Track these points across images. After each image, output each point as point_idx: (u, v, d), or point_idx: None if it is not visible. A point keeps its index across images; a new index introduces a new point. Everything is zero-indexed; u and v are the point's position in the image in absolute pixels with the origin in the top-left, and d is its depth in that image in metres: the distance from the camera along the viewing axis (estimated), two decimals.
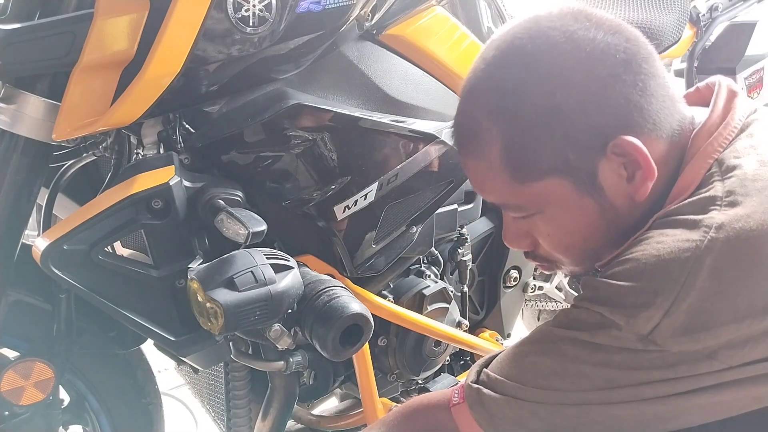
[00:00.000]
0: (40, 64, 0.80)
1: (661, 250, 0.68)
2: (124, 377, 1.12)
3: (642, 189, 0.74)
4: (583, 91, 0.71)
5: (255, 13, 0.85)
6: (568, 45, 0.72)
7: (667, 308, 0.65)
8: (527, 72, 0.73)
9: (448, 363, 1.36)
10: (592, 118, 0.71)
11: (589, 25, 0.73)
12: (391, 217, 1.09)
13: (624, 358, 0.69)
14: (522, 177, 0.75)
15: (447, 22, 1.14)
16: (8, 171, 0.87)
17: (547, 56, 0.72)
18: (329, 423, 1.34)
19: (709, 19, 1.74)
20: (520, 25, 0.76)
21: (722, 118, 0.76)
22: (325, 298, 0.91)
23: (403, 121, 1.06)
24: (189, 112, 0.93)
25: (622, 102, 0.71)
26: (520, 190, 0.76)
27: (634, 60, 0.72)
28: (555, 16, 0.75)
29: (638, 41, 0.75)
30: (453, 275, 1.36)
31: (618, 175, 0.74)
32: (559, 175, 0.74)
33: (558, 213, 0.77)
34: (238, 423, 1.18)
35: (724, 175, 0.71)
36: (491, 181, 0.79)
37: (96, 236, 0.84)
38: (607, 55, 0.71)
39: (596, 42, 0.72)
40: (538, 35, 0.73)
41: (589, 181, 0.74)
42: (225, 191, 0.91)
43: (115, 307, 0.88)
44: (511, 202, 0.79)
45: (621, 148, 0.72)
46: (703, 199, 0.70)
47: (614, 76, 0.71)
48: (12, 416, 0.98)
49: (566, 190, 0.75)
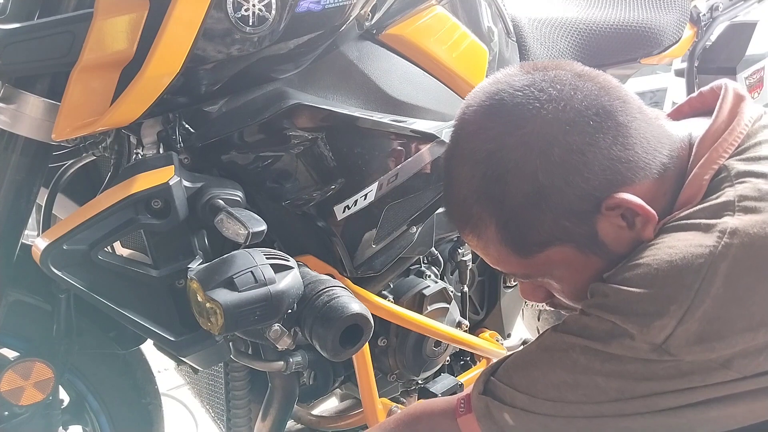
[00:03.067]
0: (39, 64, 0.80)
1: (674, 256, 0.66)
2: (124, 377, 1.12)
3: (646, 232, 0.74)
4: (563, 166, 0.71)
5: (255, 12, 0.85)
6: (538, 124, 0.72)
7: (681, 317, 0.64)
8: (505, 159, 0.73)
9: (448, 363, 1.36)
10: (579, 187, 0.72)
11: (556, 95, 0.72)
12: (391, 217, 1.09)
13: (637, 368, 0.67)
14: (524, 252, 0.77)
15: (447, 22, 1.14)
16: (8, 171, 0.86)
17: (522, 139, 0.72)
18: (329, 423, 1.34)
19: (710, 18, 1.74)
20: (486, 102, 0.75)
21: (727, 123, 0.75)
22: (325, 298, 0.91)
23: (403, 121, 1.05)
24: (189, 112, 0.92)
25: (606, 162, 0.72)
26: (524, 263, 0.78)
27: (609, 117, 0.72)
28: (517, 89, 0.74)
29: (608, 90, 0.74)
30: (453, 275, 1.36)
31: (618, 227, 0.74)
32: (560, 243, 0.75)
33: (566, 274, 0.79)
34: (237, 423, 1.18)
35: (735, 180, 0.70)
36: (494, 256, 0.80)
37: (96, 236, 0.84)
38: (578, 124, 0.71)
39: (566, 113, 0.71)
40: (506, 117, 0.73)
41: (589, 240, 0.75)
42: (225, 191, 0.91)
43: (115, 307, 0.88)
44: (516, 272, 0.82)
45: (615, 205, 0.72)
46: (716, 205, 0.69)
47: (591, 142, 0.71)
48: (12, 416, 0.98)
49: (570, 254, 0.76)
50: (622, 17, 1.51)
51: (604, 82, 0.75)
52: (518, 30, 1.36)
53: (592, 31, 1.46)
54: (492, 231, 0.77)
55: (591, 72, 0.76)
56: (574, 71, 0.76)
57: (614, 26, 1.49)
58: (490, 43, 1.24)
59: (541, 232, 0.74)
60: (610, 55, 1.49)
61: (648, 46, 1.54)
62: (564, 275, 0.79)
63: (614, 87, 0.75)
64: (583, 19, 1.47)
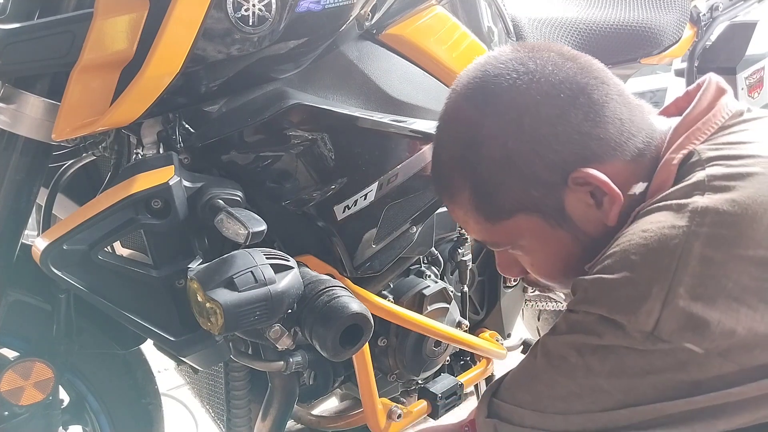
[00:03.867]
0: (39, 64, 0.80)
1: (648, 239, 0.67)
2: (124, 377, 1.12)
3: (611, 213, 0.76)
4: (532, 135, 0.75)
5: (255, 12, 0.85)
6: (513, 93, 0.75)
7: (664, 298, 0.64)
8: (479, 125, 0.77)
9: (448, 363, 1.36)
10: (547, 157, 0.75)
11: (534, 68, 0.76)
12: (391, 217, 1.09)
13: (636, 361, 0.67)
14: (493, 217, 0.80)
15: (447, 22, 1.14)
16: (8, 171, 0.86)
17: (496, 107, 0.76)
18: (329, 423, 1.33)
19: (710, 18, 1.74)
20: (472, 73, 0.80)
21: (704, 113, 0.76)
22: (325, 298, 0.91)
23: (403, 121, 1.05)
24: (189, 112, 0.92)
25: (575, 136, 0.74)
26: (494, 229, 0.81)
27: (582, 93, 0.75)
28: (501, 61, 0.78)
29: (588, 71, 0.77)
30: (453, 275, 1.36)
31: (585, 204, 0.77)
32: (527, 211, 0.78)
33: (534, 245, 0.82)
34: (237, 423, 1.18)
35: (706, 164, 0.70)
36: (468, 222, 0.84)
37: (96, 236, 0.84)
38: (551, 96, 0.74)
39: (540, 85, 0.75)
40: (486, 86, 0.78)
41: (557, 213, 0.77)
42: (225, 191, 0.91)
43: (115, 307, 0.88)
44: (489, 240, 0.85)
45: (582, 179, 0.74)
46: (687, 186, 0.69)
47: (561, 115, 0.74)
48: (12, 416, 0.98)
49: (536, 224, 0.79)
50: (622, 17, 1.51)
51: (585, 63, 0.78)
52: (518, 30, 1.36)
53: (592, 31, 1.46)
54: (466, 196, 0.81)
55: (577, 54, 0.79)
56: (560, 52, 0.79)
57: (614, 26, 1.49)
58: (490, 43, 1.24)
59: (510, 198, 0.77)
60: (610, 55, 1.49)
61: (648, 46, 1.54)
62: (532, 247, 0.82)
63: (596, 69, 0.78)
64: (583, 19, 1.47)
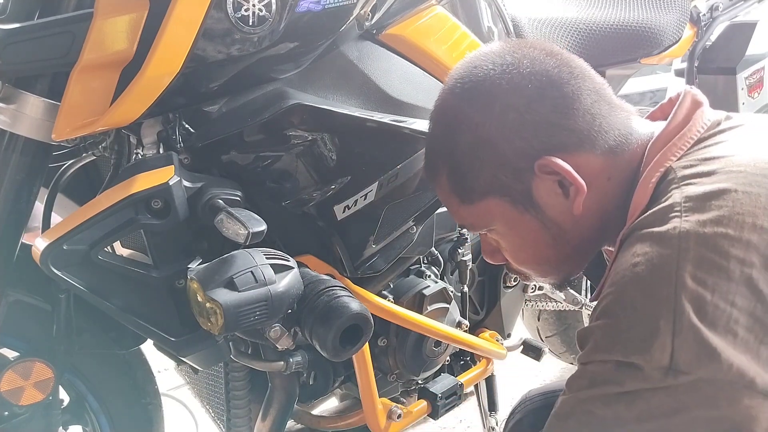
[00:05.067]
0: (39, 64, 0.80)
1: (641, 273, 0.67)
2: (124, 377, 1.12)
3: (575, 204, 0.78)
4: (502, 122, 0.78)
5: (255, 12, 0.85)
6: (487, 83, 0.80)
7: (672, 329, 0.63)
8: (457, 112, 0.83)
9: (448, 363, 1.36)
10: (514, 143, 0.78)
11: (510, 61, 0.80)
12: (391, 217, 1.09)
13: (662, 400, 0.65)
14: (466, 199, 0.84)
15: (447, 22, 1.14)
16: (8, 171, 0.87)
17: (471, 95, 0.81)
18: (329, 423, 1.33)
19: (710, 18, 1.74)
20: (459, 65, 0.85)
21: (680, 128, 0.77)
22: (325, 299, 0.91)
23: (403, 121, 1.05)
24: (189, 112, 0.92)
25: (543, 126, 0.77)
26: (468, 211, 0.85)
27: (552, 86, 0.78)
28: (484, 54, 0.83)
29: (566, 67, 0.79)
30: (453, 275, 1.36)
31: (554, 193, 0.79)
32: (496, 195, 0.81)
33: (505, 230, 0.85)
34: (237, 423, 1.18)
35: (681, 183, 0.71)
36: (448, 205, 0.89)
37: (96, 236, 0.84)
38: (520, 87, 0.78)
39: (512, 76, 0.78)
40: (465, 76, 0.82)
41: (525, 199, 0.80)
42: (225, 191, 0.91)
43: (115, 307, 0.88)
44: (465, 222, 0.88)
45: (547, 167, 0.77)
46: (663, 209, 0.69)
47: (529, 105, 0.77)
48: (12, 416, 0.98)
49: (505, 208, 0.82)
50: (622, 17, 1.51)
51: (565, 60, 0.81)
52: (518, 30, 1.36)
53: (592, 31, 1.46)
54: (444, 179, 0.85)
55: (561, 53, 0.82)
56: (544, 48, 0.82)
57: (614, 26, 1.49)
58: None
59: (481, 181, 0.81)
60: (610, 55, 1.49)
61: (648, 46, 1.54)
62: (503, 231, 0.85)
63: (575, 66, 0.80)
64: (583, 19, 1.47)
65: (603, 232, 0.83)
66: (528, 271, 0.90)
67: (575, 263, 0.87)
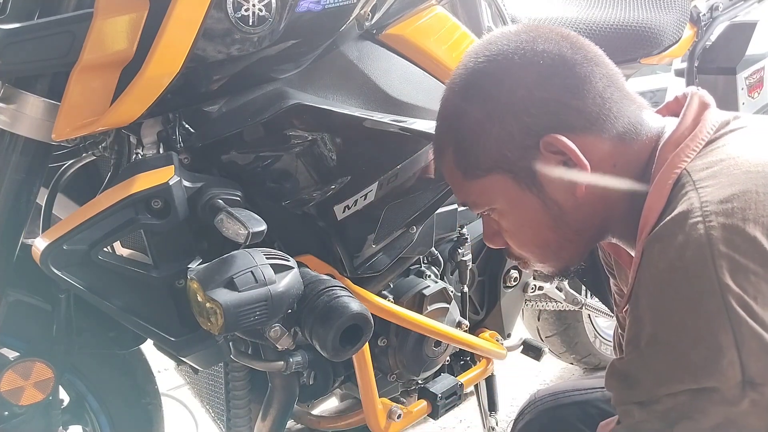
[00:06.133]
0: (39, 64, 0.80)
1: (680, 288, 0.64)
2: (124, 377, 1.12)
3: (578, 186, 0.78)
4: (510, 97, 0.78)
5: (255, 12, 0.85)
6: (500, 59, 0.80)
7: (734, 341, 0.61)
8: (467, 86, 0.82)
9: (448, 363, 1.36)
10: (522, 119, 0.78)
11: (525, 39, 0.80)
12: (391, 217, 1.09)
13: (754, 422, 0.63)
14: (470, 175, 0.83)
15: (447, 22, 1.14)
16: (8, 171, 0.86)
17: (483, 71, 0.81)
18: (329, 423, 1.33)
19: (710, 18, 1.74)
20: (476, 43, 0.86)
21: (690, 129, 0.77)
22: (325, 299, 0.91)
23: (403, 121, 1.05)
24: (189, 112, 0.92)
25: (552, 104, 0.77)
26: (471, 187, 0.85)
27: (564, 65, 0.78)
28: (500, 34, 0.83)
29: (581, 50, 0.80)
30: (453, 275, 1.36)
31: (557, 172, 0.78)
32: (501, 171, 0.81)
33: (506, 208, 0.84)
34: (237, 423, 1.18)
35: (697, 185, 0.70)
36: (452, 182, 0.89)
37: (96, 236, 0.84)
38: (532, 63, 0.78)
39: (525, 53, 0.79)
40: (479, 53, 0.82)
41: (528, 177, 0.80)
42: (225, 191, 0.91)
43: (115, 307, 0.88)
44: (467, 200, 0.88)
45: (552, 146, 0.77)
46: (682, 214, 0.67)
47: (538, 81, 0.77)
48: (12, 416, 0.98)
49: (508, 185, 0.81)
50: (622, 17, 1.51)
51: (581, 44, 0.81)
52: None
53: (592, 31, 1.46)
54: (449, 155, 0.85)
55: (576, 36, 0.82)
56: (561, 32, 0.82)
57: (614, 26, 1.49)
58: None
59: (486, 156, 0.81)
60: (610, 55, 1.47)
61: (648, 46, 1.55)
62: (505, 210, 0.84)
63: (590, 51, 0.81)
64: (583, 19, 1.47)
65: (605, 220, 0.82)
66: (528, 255, 0.89)
67: (575, 251, 0.85)
